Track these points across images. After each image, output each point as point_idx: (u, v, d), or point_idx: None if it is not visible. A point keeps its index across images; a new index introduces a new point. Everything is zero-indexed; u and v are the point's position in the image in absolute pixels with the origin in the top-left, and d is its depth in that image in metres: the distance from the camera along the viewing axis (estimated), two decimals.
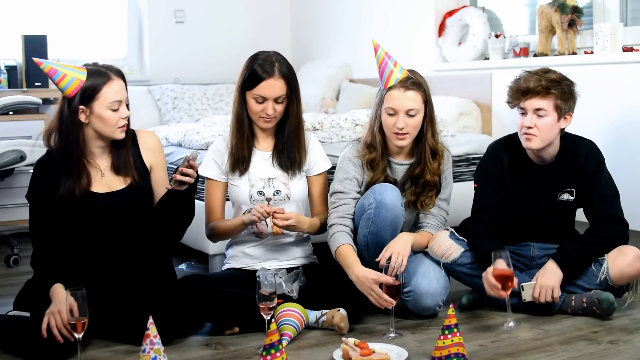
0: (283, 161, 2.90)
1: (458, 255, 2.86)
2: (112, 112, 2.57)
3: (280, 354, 2.09)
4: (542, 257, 2.93)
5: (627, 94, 3.51)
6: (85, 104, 2.56)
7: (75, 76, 2.56)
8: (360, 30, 5.39)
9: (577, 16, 3.93)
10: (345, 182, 2.90)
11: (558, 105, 2.78)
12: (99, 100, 2.56)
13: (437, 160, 2.90)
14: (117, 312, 2.57)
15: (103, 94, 2.56)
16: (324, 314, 2.68)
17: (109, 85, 2.57)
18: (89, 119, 2.58)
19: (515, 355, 2.42)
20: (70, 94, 2.56)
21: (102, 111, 2.56)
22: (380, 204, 2.77)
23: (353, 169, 2.91)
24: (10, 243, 4.01)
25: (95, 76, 2.57)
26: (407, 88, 2.83)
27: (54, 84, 2.58)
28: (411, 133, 2.85)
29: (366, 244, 2.83)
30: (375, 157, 2.89)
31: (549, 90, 2.77)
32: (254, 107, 2.83)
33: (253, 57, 2.87)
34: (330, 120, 3.98)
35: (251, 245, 2.92)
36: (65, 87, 2.56)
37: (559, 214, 2.91)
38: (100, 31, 5.57)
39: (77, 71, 2.57)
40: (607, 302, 2.72)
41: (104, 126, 2.58)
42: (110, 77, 2.58)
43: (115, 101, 2.57)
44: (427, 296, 2.77)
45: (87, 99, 2.56)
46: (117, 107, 2.58)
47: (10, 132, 4.28)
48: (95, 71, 2.59)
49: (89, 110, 2.57)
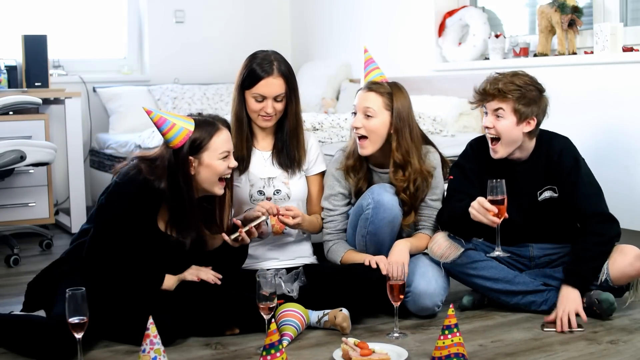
0: (283, 160, 2.91)
1: (457, 255, 2.85)
2: (222, 160, 2.58)
3: (280, 354, 2.09)
4: (542, 257, 2.93)
5: (627, 94, 3.51)
6: (194, 154, 2.55)
7: (184, 126, 2.55)
8: (360, 31, 5.39)
9: (577, 16, 3.93)
10: (331, 199, 2.94)
11: (517, 109, 2.75)
12: (209, 151, 2.56)
13: (405, 173, 2.83)
14: (117, 312, 2.57)
15: (213, 143, 2.56)
16: (326, 314, 2.68)
17: (218, 135, 2.58)
18: (197, 170, 2.57)
19: (515, 355, 2.42)
20: (177, 145, 2.55)
21: (213, 161, 2.56)
22: (379, 204, 2.77)
23: (337, 185, 2.93)
24: (10, 243, 4.01)
25: (204, 126, 2.58)
26: (370, 89, 2.86)
27: (161, 134, 2.55)
28: (370, 139, 2.82)
29: (365, 244, 2.84)
30: (355, 165, 2.90)
31: (505, 95, 2.76)
32: (253, 106, 2.84)
33: (252, 56, 2.88)
34: (330, 120, 3.99)
35: (251, 245, 2.91)
36: (173, 137, 2.54)
37: (547, 212, 2.88)
38: (100, 31, 5.57)
39: (186, 121, 2.57)
40: (607, 302, 2.72)
41: (212, 175, 2.58)
42: (218, 127, 2.59)
43: (224, 151, 2.59)
44: (425, 296, 2.77)
45: (196, 149, 2.55)
46: (227, 155, 2.60)
47: (10, 132, 4.28)
48: (203, 121, 2.59)
49: (198, 161, 2.56)
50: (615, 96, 3.55)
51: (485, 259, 2.85)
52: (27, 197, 4.39)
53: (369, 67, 2.97)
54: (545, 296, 2.82)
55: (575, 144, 2.92)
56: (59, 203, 5.18)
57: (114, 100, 5.26)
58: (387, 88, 2.86)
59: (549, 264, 2.92)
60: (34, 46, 4.68)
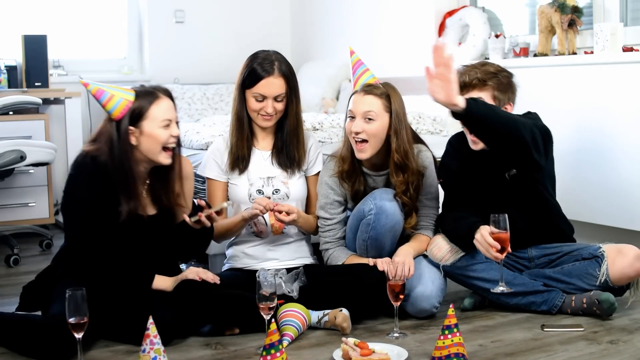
0: (282, 160, 2.91)
1: (457, 258, 2.85)
2: (163, 129, 2.58)
3: (280, 354, 2.09)
4: (541, 257, 2.92)
5: (627, 94, 3.50)
6: (134, 124, 2.56)
7: (123, 97, 2.56)
8: (360, 31, 5.39)
9: (577, 16, 3.93)
10: (328, 208, 2.92)
11: (496, 96, 2.81)
12: (149, 120, 2.56)
13: (404, 175, 2.83)
14: (117, 312, 2.57)
15: (152, 112, 2.56)
16: (326, 314, 2.68)
17: (157, 104, 2.58)
18: (139, 140, 2.57)
19: (515, 355, 2.42)
20: (118, 116, 2.55)
21: (153, 129, 2.56)
22: (381, 210, 2.77)
23: (332, 193, 2.91)
24: (10, 243, 4.01)
25: (143, 96, 2.58)
26: (367, 92, 2.84)
27: (101, 106, 2.57)
28: (370, 142, 2.81)
29: (365, 248, 2.84)
30: (349, 170, 2.89)
31: (485, 82, 2.80)
32: (253, 105, 2.84)
33: (253, 56, 2.89)
34: (330, 120, 3.99)
35: (251, 245, 2.92)
36: (112, 108, 2.55)
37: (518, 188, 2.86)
38: (100, 31, 5.57)
39: (125, 92, 2.57)
40: (607, 302, 2.71)
41: (154, 145, 2.57)
42: (158, 95, 2.59)
43: (165, 119, 2.58)
44: (422, 299, 2.77)
45: (136, 118, 2.55)
46: (168, 124, 2.59)
47: (10, 132, 4.28)
48: (142, 92, 2.59)
49: (139, 130, 2.56)
50: (615, 96, 3.55)
51: (485, 261, 2.85)
52: (27, 197, 4.39)
53: (359, 70, 2.96)
54: (545, 296, 2.82)
55: (575, 143, 2.92)
56: (59, 203, 5.18)
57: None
58: (383, 90, 2.85)
59: (549, 264, 2.92)
60: (34, 46, 4.68)
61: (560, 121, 3.75)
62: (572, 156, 3.67)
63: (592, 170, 3.62)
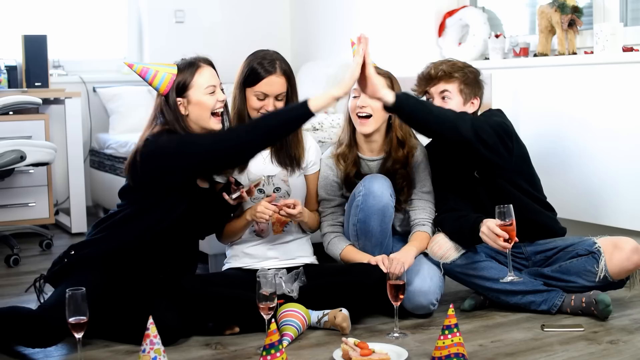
0: (282, 158, 2.91)
1: (457, 256, 2.86)
2: (209, 95, 2.67)
3: (280, 354, 2.09)
4: (537, 254, 2.93)
5: (627, 94, 3.50)
6: (181, 95, 2.65)
7: (167, 71, 2.66)
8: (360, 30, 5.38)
9: (577, 16, 3.93)
10: (327, 188, 2.98)
11: (462, 90, 2.90)
12: (194, 88, 2.66)
13: (404, 150, 2.95)
14: (117, 312, 2.57)
15: (196, 81, 2.66)
16: (326, 314, 2.68)
17: (200, 73, 2.68)
18: (188, 109, 2.66)
19: (515, 355, 2.42)
20: (166, 90, 2.66)
21: (200, 97, 2.65)
22: (369, 191, 2.81)
23: (331, 174, 2.98)
24: (10, 243, 4.01)
25: (186, 67, 2.68)
26: None
27: (148, 83, 2.68)
28: (374, 117, 2.88)
29: (356, 233, 2.86)
30: (344, 152, 2.97)
31: (451, 75, 2.89)
32: (254, 104, 2.85)
33: (253, 55, 2.90)
34: (330, 120, 3.99)
35: (251, 244, 2.92)
36: (159, 84, 2.66)
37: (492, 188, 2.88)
38: (100, 31, 5.57)
39: (168, 67, 2.67)
40: (602, 303, 2.71)
41: (203, 111, 2.66)
42: (199, 65, 2.69)
43: (209, 86, 2.67)
44: (420, 294, 2.78)
45: (182, 89, 2.65)
46: (213, 90, 2.68)
47: (10, 132, 4.28)
48: (184, 64, 2.70)
49: (186, 100, 2.66)
50: (616, 96, 3.55)
51: (485, 260, 2.85)
52: (27, 197, 4.39)
53: None
54: (545, 296, 2.82)
55: (575, 143, 2.92)
56: (59, 203, 5.18)
57: (114, 100, 5.26)
58: (386, 71, 2.95)
59: (546, 261, 2.92)
60: (34, 46, 4.69)
61: (560, 121, 3.75)
62: (573, 156, 3.67)
63: (592, 170, 3.62)
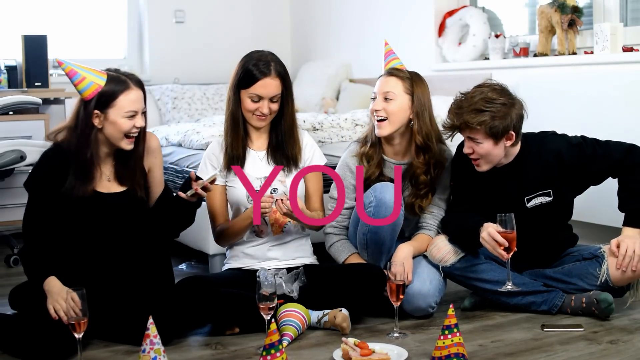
0: (278, 159, 2.90)
1: (456, 259, 2.85)
2: (127, 119, 2.57)
3: (280, 354, 2.09)
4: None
5: (627, 94, 3.50)
6: (100, 109, 2.57)
7: (94, 80, 2.57)
8: (360, 30, 5.39)
9: (577, 16, 3.93)
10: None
11: (490, 133, 2.68)
12: (115, 108, 2.56)
13: (425, 157, 2.88)
14: (117, 312, 2.57)
15: (119, 102, 2.56)
16: (326, 314, 2.68)
17: (126, 94, 2.57)
18: (103, 124, 2.58)
19: (515, 355, 2.42)
20: (88, 97, 2.57)
21: (117, 118, 2.56)
22: (381, 202, 2.77)
23: (350, 176, 2.94)
24: (10, 243, 4.01)
25: (114, 83, 2.57)
26: (390, 74, 2.92)
27: (73, 85, 2.60)
28: (390, 120, 2.86)
29: (365, 242, 2.84)
30: (369, 151, 2.93)
31: (472, 127, 2.69)
32: (249, 106, 2.84)
33: (247, 56, 2.88)
34: (330, 120, 3.98)
35: (251, 245, 2.91)
36: (83, 89, 2.57)
37: (536, 219, 2.82)
38: (100, 31, 5.57)
39: (97, 75, 2.58)
40: (605, 302, 2.71)
41: (116, 132, 2.58)
42: (129, 86, 2.58)
43: (130, 111, 2.58)
44: (419, 297, 2.77)
45: (103, 104, 2.56)
46: (134, 115, 2.59)
47: (10, 132, 4.28)
48: (115, 78, 2.59)
49: (104, 115, 2.57)
50: (616, 96, 3.55)
51: (484, 262, 2.85)
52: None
53: (389, 57, 3.05)
54: (545, 296, 2.82)
55: None
56: None
57: None
58: (407, 74, 2.92)
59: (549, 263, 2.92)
60: (34, 46, 4.69)
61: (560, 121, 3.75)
62: None
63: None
